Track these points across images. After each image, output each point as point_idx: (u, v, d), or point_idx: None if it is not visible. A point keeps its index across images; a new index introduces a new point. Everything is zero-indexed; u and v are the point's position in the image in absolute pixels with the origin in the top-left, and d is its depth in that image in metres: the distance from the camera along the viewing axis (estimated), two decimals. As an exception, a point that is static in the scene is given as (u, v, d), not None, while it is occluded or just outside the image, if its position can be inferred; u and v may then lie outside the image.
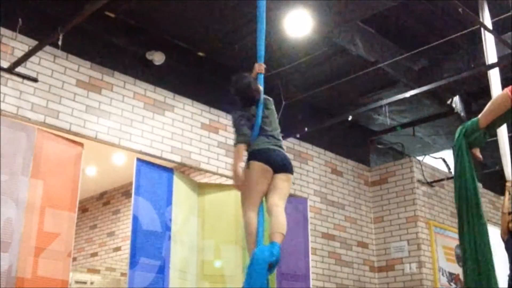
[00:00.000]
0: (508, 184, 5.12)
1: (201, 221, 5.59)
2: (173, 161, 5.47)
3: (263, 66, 3.73)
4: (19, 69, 4.50)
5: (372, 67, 5.95)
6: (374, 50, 5.95)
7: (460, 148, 3.43)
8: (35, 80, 4.63)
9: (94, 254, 8.50)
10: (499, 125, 3.66)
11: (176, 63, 5.67)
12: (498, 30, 5.19)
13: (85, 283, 8.10)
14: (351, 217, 7.18)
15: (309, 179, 6.76)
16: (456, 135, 3.50)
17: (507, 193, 5.12)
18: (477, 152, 3.47)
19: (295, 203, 6.15)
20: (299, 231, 6.04)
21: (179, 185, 5.39)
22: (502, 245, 5.81)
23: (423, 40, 5.88)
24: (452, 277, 7.29)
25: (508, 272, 5.58)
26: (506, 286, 5.50)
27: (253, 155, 3.51)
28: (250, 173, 3.47)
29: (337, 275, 6.71)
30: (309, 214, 6.37)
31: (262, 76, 3.69)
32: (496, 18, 5.21)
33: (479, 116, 3.42)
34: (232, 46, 5.63)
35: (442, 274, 7.12)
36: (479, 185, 8.62)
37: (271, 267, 3.13)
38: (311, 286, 6.02)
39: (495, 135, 5.00)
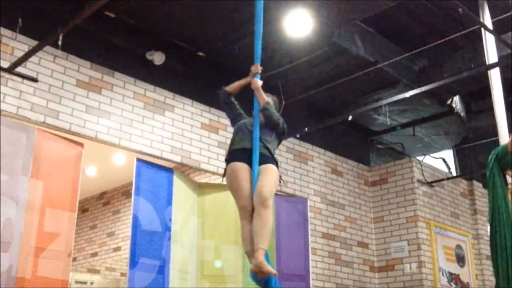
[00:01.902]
0: (509, 187, 5.13)
1: (201, 221, 5.59)
2: (173, 161, 5.47)
3: (259, 67, 3.61)
4: (19, 69, 4.50)
5: (372, 67, 5.95)
6: (374, 50, 5.95)
7: (491, 172, 3.74)
8: (35, 80, 4.63)
9: (94, 254, 8.50)
10: None
11: (176, 63, 5.67)
12: (498, 30, 5.19)
13: (85, 283, 8.10)
14: (351, 217, 7.18)
15: (309, 179, 6.76)
16: (489, 159, 3.80)
17: (509, 195, 5.12)
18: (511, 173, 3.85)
19: (295, 203, 6.15)
20: (299, 231, 6.04)
21: (179, 185, 5.39)
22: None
23: (423, 40, 5.89)
24: (452, 277, 7.29)
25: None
26: None
27: None
28: None
29: (337, 275, 6.71)
30: (309, 214, 6.37)
31: (259, 76, 3.63)
32: (496, 18, 5.21)
33: (508, 141, 3.79)
34: (232, 46, 5.63)
35: (442, 274, 7.12)
36: (479, 184, 8.64)
37: None
38: (311, 286, 6.02)
39: (497, 135, 5.01)
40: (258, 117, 3.53)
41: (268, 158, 3.45)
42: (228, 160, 3.50)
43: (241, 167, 3.37)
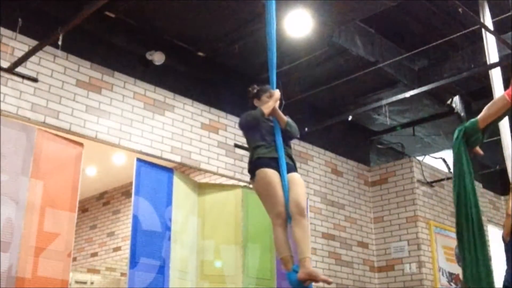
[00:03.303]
0: (511, 186, 5.11)
1: (201, 221, 5.59)
2: (173, 161, 5.47)
3: (278, 93, 3.67)
4: (19, 69, 4.50)
5: (372, 67, 5.95)
6: (374, 50, 5.95)
7: (458, 150, 3.58)
8: (35, 80, 4.63)
9: (94, 254, 8.50)
10: (495, 124, 3.85)
11: (176, 63, 5.67)
12: (498, 30, 5.19)
13: (85, 283, 8.09)
14: (351, 217, 7.18)
15: (309, 179, 6.76)
16: (455, 136, 3.62)
17: (511, 195, 5.11)
18: (478, 149, 3.63)
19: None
20: (299, 231, 6.02)
21: (179, 185, 5.39)
22: (503, 245, 5.79)
23: (423, 40, 5.89)
24: (452, 277, 7.29)
25: (504, 273, 5.56)
26: (501, 286, 5.49)
27: None
28: None
29: (337, 275, 6.71)
30: (309, 214, 6.37)
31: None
32: (496, 18, 5.21)
33: (478, 117, 3.55)
34: (232, 46, 5.63)
35: (442, 274, 7.12)
36: (479, 185, 8.66)
37: None
38: (312, 286, 6.01)
39: (497, 135, 5.02)
40: (279, 129, 3.57)
41: (292, 166, 3.53)
42: (257, 165, 3.47)
43: (274, 174, 3.40)
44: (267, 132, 3.58)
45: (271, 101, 3.62)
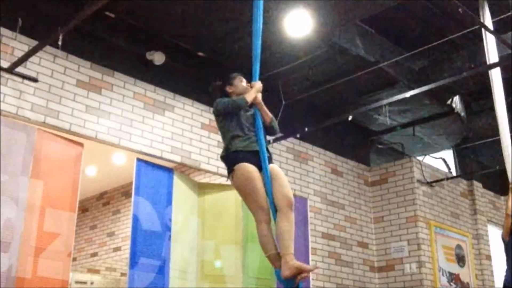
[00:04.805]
0: (510, 186, 5.12)
1: (201, 221, 5.59)
2: (173, 161, 5.47)
3: (260, 83, 3.50)
4: (19, 69, 4.50)
5: (372, 67, 5.95)
6: (374, 50, 5.95)
7: None
8: (35, 80, 4.63)
9: (94, 254, 8.50)
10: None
11: (176, 63, 5.67)
12: (498, 30, 5.19)
13: (85, 283, 8.09)
14: (351, 217, 7.18)
15: (309, 179, 6.76)
16: None
17: (510, 195, 5.11)
18: None
19: (295, 203, 6.14)
20: (299, 231, 6.04)
21: (179, 185, 5.39)
22: (502, 245, 5.80)
23: (423, 40, 5.88)
24: (452, 277, 7.29)
25: (504, 273, 5.57)
26: (501, 286, 5.49)
27: None
28: None
29: (337, 275, 6.71)
30: (309, 214, 6.37)
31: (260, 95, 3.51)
32: (496, 18, 5.21)
33: None
34: (232, 46, 5.63)
35: (442, 274, 7.12)
36: (479, 185, 8.64)
37: None
38: (311, 286, 6.02)
39: (497, 135, 5.02)
40: (260, 122, 3.47)
41: (270, 159, 3.45)
42: (235, 160, 3.37)
43: (254, 169, 3.31)
44: (246, 122, 3.46)
45: (253, 91, 3.48)
